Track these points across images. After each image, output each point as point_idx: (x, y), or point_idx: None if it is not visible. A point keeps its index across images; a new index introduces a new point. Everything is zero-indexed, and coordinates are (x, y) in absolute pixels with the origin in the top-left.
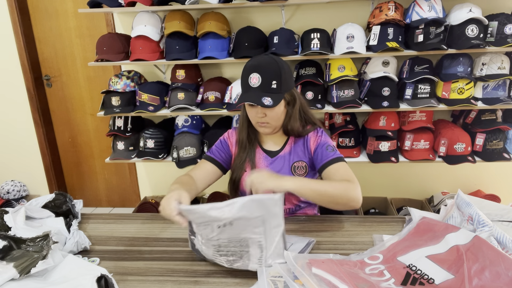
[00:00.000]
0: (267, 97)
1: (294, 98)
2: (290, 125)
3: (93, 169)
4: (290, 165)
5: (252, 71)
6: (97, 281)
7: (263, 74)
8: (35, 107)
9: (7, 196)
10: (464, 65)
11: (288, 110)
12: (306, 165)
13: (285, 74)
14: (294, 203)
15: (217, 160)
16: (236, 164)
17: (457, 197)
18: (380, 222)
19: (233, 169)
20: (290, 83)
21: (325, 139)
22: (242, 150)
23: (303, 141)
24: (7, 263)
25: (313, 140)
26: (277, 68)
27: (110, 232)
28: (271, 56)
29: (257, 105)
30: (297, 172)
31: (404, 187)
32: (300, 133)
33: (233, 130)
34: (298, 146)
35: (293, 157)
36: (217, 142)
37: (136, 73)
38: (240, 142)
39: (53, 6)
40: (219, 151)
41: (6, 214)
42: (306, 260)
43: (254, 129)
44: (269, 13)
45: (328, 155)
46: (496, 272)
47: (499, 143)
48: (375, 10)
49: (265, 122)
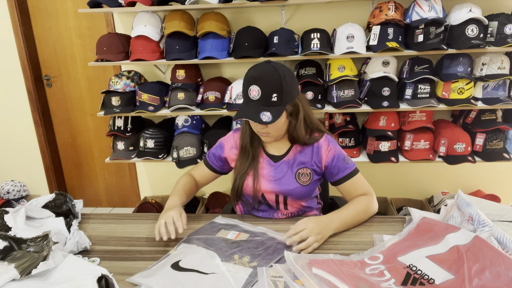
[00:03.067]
0: (267, 112)
1: (297, 108)
2: (295, 133)
3: (93, 169)
4: (294, 171)
5: (252, 83)
6: (97, 281)
7: (263, 87)
8: (35, 107)
9: (7, 196)
10: (464, 65)
11: (291, 120)
12: (310, 172)
13: (287, 86)
14: (297, 207)
15: (213, 167)
16: (239, 172)
17: (457, 197)
18: (380, 222)
19: (236, 177)
20: (293, 93)
21: (338, 150)
22: (245, 156)
23: (311, 149)
24: (8, 264)
25: (325, 150)
26: (279, 79)
27: (110, 232)
28: (273, 65)
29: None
30: (301, 179)
31: (404, 187)
32: (307, 141)
33: (233, 133)
34: (305, 153)
35: (298, 163)
36: (214, 147)
37: (136, 73)
38: (243, 147)
39: (53, 6)
40: (215, 158)
41: (6, 214)
42: (306, 260)
43: (257, 135)
44: (269, 13)
45: (346, 168)
46: (497, 272)
47: (499, 143)
48: (375, 10)
49: (266, 133)
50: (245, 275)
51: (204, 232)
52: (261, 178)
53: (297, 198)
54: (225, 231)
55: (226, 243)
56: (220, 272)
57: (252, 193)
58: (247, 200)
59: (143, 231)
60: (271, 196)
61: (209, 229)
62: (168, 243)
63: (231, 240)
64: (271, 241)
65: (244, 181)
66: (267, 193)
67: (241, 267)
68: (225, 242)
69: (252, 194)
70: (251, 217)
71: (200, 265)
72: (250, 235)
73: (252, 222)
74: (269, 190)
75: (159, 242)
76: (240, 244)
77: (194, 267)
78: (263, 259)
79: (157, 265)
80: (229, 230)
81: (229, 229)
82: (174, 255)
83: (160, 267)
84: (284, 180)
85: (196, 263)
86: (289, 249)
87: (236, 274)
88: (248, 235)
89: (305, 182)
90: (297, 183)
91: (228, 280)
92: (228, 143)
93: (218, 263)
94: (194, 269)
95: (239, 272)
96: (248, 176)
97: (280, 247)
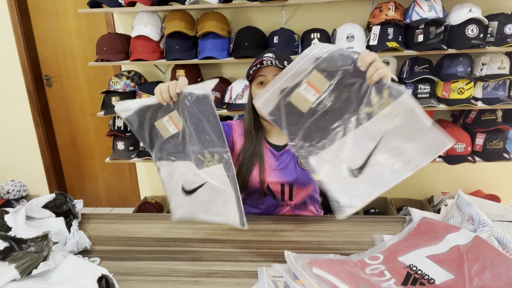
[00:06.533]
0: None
1: None
2: None
3: (93, 169)
4: (296, 158)
5: (266, 52)
6: (98, 281)
7: (276, 54)
8: (35, 107)
9: (7, 196)
10: (464, 65)
11: None
12: None
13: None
14: (302, 197)
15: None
16: (244, 159)
17: (457, 197)
18: (380, 222)
19: (241, 165)
20: None
21: None
22: (249, 141)
23: None
24: (8, 264)
25: None
26: (287, 54)
27: (110, 232)
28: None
29: (274, 64)
30: (303, 164)
31: (404, 187)
32: None
33: (240, 122)
34: None
35: None
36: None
37: (136, 73)
38: (247, 132)
39: (53, 6)
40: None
41: (6, 214)
42: (307, 260)
43: (260, 121)
44: (269, 13)
45: None
46: (497, 272)
47: (499, 143)
48: (375, 10)
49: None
50: (220, 170)
51: (149, 136)
52: (267, 168)
53: (302, 184)
54: (160, 123)
55: (176, 141)
56: (205, 179)
57: (259, 185)
58: (252, 192)
59: (143, 231)
60: (276, 187)
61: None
62: (168, 243)
63: (175, 133)
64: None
65: (251, 173)
66: (273, 183)
67: (211, 167)
68: (174, 140)
69: (259, 186)
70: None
71: (193, 180)
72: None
73: (253, 221)
74: (274, 181)
75: (159, 242)
76: (185, 134)
77: (193, 184)
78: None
79: (174, 195)
80: (161, 118)
81: (160, 117)
82: (174, 180)
83: (177, 195)
84: (288, 168)
85: (191, 179)
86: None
87: (217, 177)
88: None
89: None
90: (300, 169)
91: (218, 186)
92: (237, 129)
93: (198, 172)
94: (195, 188)
95: (216, 172)
96: (255, 167)
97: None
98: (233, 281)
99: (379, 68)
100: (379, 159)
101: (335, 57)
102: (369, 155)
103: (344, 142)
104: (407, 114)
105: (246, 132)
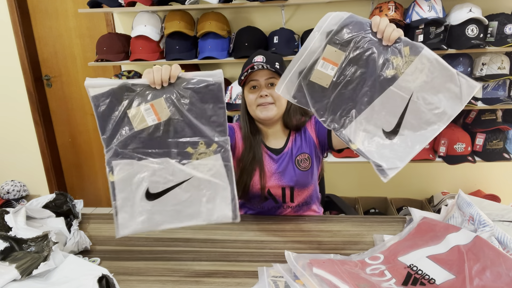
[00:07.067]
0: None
1: None
2: (288, 118)
3: (93, 169)
4: (294, 160)
5: (256, 55)
6: (98, 281)
7: (267, 56)
8: (35, 107)
9: (7, 196)
10: (464, 65)
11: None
12: (309, 156)
13: (284, 64)
14: (303, 198)
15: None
16: (245, 164)
17: (458, 197)
18: (380, 222)
19: (242, 171)
20: None
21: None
22: (248, 146)
23: (302, 132)
24: (9, 264)
25: (310, 127)
26: (278, 55)
27: (110, 232)
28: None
29: (265, 68)
30: (301, 165)
31: (404, 187)
32: (300, 125)
33: (239, 125)
34: (299, 140)
35: (295, 151)
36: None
37: (136, 73)
38: (245, 137)
39: (53, 6)
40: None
41: (6, 214)
42: (307, 260)
43: (256, 125)
44: (269, 13)
45: None
46: (497, 272)
47: (499, 143)
48: (375, 10)
49: (267, 103)
50: (216, 161)
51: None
52: (266, 173)
53: (302, 186)
54: (135, 112)
55: (155, 135)
56: (190, 174)
57: (260, 191)
58: (252, 197)
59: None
60: (277, 191)
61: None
62: (168, 243)
63: (153, 125)
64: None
65: (252, 179)
66: (273, 188)
67: (203, 159)
68: (147, 134)
69: (260, 191)
70: (251, 216)
71: (167, 179)
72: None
73: (253, 221)
74: (275, 185)
75: (160, 242)
76: (170, 125)
77: (165, 185)
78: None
79: (129, 202)
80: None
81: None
82: (134, 183)
83: (134, 203)
84: (287, 172)
85: (163, 179)
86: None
87: (210, 169)
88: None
89: (306, 168)
90: (299, 171)
91: (208, 180)
92: (239, 133)
93: (180, 168)
94: (168, 188)
95: (209, 164)
96: (255, 173)
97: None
98: (233, 281)
99: (395, 29)
100: (412, 117)
101: (347, 26)
102: (402, 115)
103: (373, 108)
104: (432, 66)
105: (245, 137)
